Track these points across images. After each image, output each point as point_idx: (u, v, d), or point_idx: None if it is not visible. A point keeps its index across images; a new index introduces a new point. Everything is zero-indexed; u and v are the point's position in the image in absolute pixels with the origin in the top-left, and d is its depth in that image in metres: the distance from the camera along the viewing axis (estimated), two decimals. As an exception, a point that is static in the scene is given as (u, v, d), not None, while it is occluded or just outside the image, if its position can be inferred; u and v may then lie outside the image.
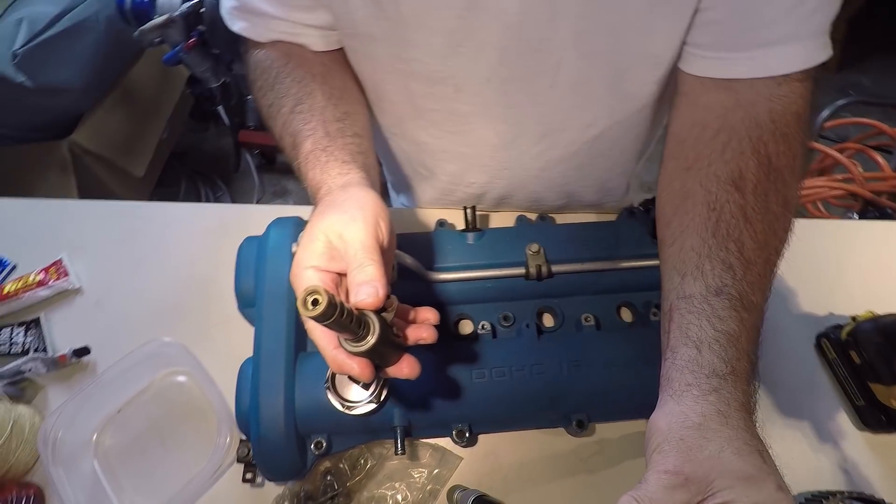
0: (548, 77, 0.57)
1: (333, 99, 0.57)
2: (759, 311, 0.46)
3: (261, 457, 0.55)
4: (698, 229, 0.48)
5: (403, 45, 0.56)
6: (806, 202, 1.43)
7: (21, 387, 0.65)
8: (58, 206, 0.81)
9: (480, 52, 0.55)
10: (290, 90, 0.57)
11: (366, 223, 0.42)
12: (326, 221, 0.43)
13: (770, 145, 0.48)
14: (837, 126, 1.50)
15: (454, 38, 0.54)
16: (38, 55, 1.31)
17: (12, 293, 0.69)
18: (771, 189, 0.47)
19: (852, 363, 0.63)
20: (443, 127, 0.65)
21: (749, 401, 0.42)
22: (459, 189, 0.76)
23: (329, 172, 0.50)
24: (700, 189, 0.49)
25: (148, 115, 1.81)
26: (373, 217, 0.43)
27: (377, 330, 0.38)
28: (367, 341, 0.38)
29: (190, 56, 1.45)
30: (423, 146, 0.70)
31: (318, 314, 0.33)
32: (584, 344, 0.59)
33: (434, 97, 0.61)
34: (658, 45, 0.53)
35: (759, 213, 0.47)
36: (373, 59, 0.60)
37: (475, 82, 0.58)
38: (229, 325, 0.69)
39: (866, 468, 0.61)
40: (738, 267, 0.45)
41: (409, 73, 0.59)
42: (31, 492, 0.59)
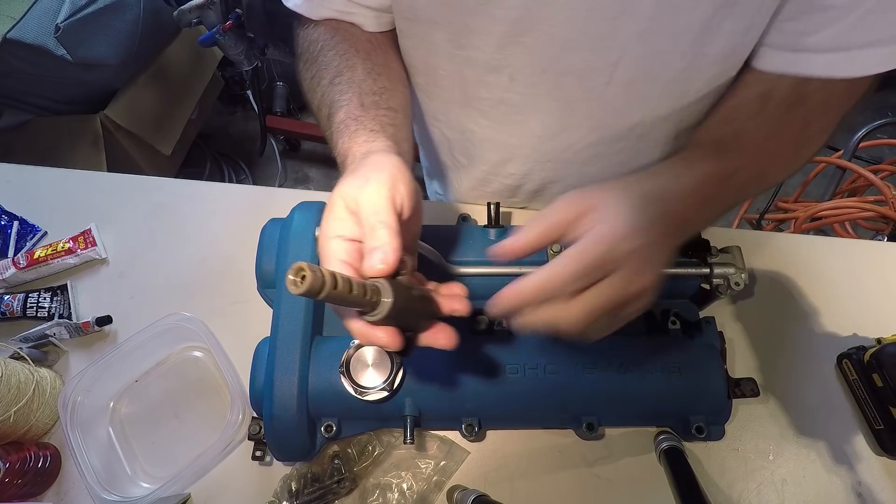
0: (605, 74, 0.56)
1: (373, 74, 0.57)
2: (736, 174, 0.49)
3: (271, 436, 0.55)
4: None
5: (463, 31, 0.55)
6: (834, 222, 1.40)
7: (45, 350, 0.67)
8: (89, 178, 0.83)
9: (540, 44, 0.54)
10: (332, 62, 0.57)
11: (381, 184, 0.40)
12: (344, 187, 0.42)
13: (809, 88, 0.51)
14: (872, 147, 1.46)
15: (516, 28, 0.53)
16: (79, 29, 1.34)
17: (42, 259, 0.71)
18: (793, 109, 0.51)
19: (874, 386, 0.62)
20: (491, 116, 0.65)
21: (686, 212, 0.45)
22: (497, 179, 0.76)
23: (356, 140, 0.49)
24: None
25: (179, 95, 1.83)
26: (390, 179, 0.41)
27: (390, 296, 0.36)
28: (378, 311, 0.36)
29: (226, 38, 1.47)
30: (468, 134, 0.70)
31: (302, 291, 0.32)
32: (600, 347, 0.59)
33: (487, 85, 0.61)
34: (717, 46, 0.53)
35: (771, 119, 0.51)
36: (429, 43, 0.60)
37: (531, 73, 0.58)
38: (248, 304, 0.70)
39: (881, 494, 0.60)
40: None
41: (465, 59, 0.59)
42: (48, 452, 0.60)
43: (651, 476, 0.60)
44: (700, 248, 0.61)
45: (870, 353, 0.63)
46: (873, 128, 1.43)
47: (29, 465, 0.57)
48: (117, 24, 1.44)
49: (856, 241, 0.89)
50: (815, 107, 0.52)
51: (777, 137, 0.52)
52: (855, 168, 1.38)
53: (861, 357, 0.64)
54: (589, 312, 0.39)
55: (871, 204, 1.33)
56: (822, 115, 0.52)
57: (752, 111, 0.52)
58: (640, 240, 0.39)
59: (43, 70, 1.37)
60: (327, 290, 0.32)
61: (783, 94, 0.52)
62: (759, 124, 0.51)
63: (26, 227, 0.77)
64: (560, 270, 0.38)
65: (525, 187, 0.76)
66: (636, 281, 0.39)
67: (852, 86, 0.51)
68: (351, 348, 0.54)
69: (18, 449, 0.58)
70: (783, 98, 0.52)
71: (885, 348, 0.62)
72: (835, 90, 0.51)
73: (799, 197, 1.57)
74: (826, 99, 0.51)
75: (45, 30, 1.30)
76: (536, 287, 0.38)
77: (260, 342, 0.60)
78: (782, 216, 1.52)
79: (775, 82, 0.53)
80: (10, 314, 0.69)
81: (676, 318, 0.62)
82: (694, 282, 0.62)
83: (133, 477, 0.62)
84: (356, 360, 0.54)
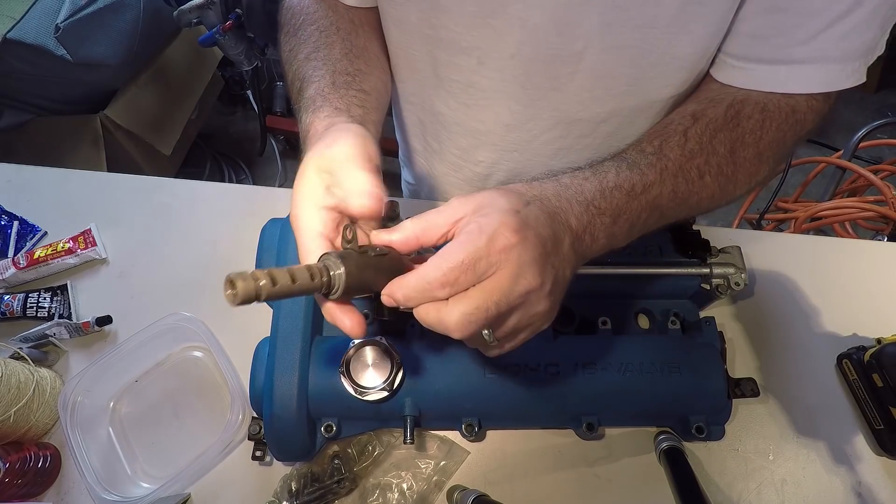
0: (570, 63, 0.57)
1: (350, 55, 0.58)
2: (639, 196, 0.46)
3: (271, 436, 0.55)
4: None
5: (435, 10, 0.56)
6: (834, 222, 1.40)
7: (44, 350, 0.67)
8: (89, 178, 0.83)
9: (508, 27, 0.55)
10: (311, 38, 0.58)
11: (353, 138, 0.41)
12: (311, 154, 0.42)
13: (746, 109, 0.51)
14: (872, 147, 1.46)
15: (484, 9, 0.54)
16: (79, 29, 1.34)
17: (42, 258, 0.71)
18: (723, 131, 0.50)
19: (874, 386, 0.62)
20: (460, 98, 0.66)
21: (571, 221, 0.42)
22: (467, 166, 0.76)
23: (318, 115, 0.49)
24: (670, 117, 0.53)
25: (179, 95, 1.83)
26: (358, 136, 0.41)
27: (341, 267, 0.35)
28: (335, 287, 0.35)
29: (226, 38, 1.48)
30: (439, 117, 0.71)
31: (240, 301, 0.30)
32: (600, 347, 0.59)
33: (457, 67, 0.62)
34: (684, 48, 0.53)
35: (696, 139, 0.49)
36: (402, 22, 0.61)
37: (499, 57, 0.58)
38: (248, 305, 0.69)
39: (881, 494, 0.60)
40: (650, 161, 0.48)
41: (436, 39, 0.59)
42: (48, 452, 0.60)
43: (651, 476, 0.60)
44: (700, 248, 0.61)
45: (870, 353, 0.63)
46: (873, 128, 1.43)
47: (29, 465, 0.57)
48: (117, 24, 1.44)
49: (856, 241, 0.89)
50: (748, 132, 0.50)
51: (702, 157, 0.49)
52: (855, 168, 1.38)
53: (861, 357, 0.64)
54: (466, 315, 0.36)
55: (871, 204, 1.33)
56: (756, 141, 0.50)
57: (679, 129, 0.50)
58: (516, 237, 0.36)
59: (43, 70, 1.37)
60: (266, 292, 0.31)
61: (715, 114, 0.50)
62: (682, 142, 0.49)
63: (26, 227, 0.77)
64: (431, 269, 0.36)
65: (494, 177, 0.76)
66: (517, 282, 0.36)
67: (792, 112, 0.50)
68: (351, 348, 0.54)
69: (18, 449, 0.58)
70: (714, 118, 0.50)
71: (885, 348, 0.62)
72: (773, 114, 0.50)
73: (799, 197, 1.57)
74: (761, 123, 0.50)
75: (45, 30, 1.30)
76: (415, 284, 0.36)
77: (260, 342, 0.60)
78: (782, 216, 1.52)
79: (710, 103, 0.52)
80: (10, 314, 0.69)
81: (676, 318, 0.62)
82: (694, 282, 0.62)
83: (133, 477, 0.62)
84: (356, 360, 0.54)
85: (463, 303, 0.36)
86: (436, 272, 0.35)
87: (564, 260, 0.40)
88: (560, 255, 0.39)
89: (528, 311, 0.38)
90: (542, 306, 0.38)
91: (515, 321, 0.39)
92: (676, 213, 0.49)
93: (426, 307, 0.37)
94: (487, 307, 0.36)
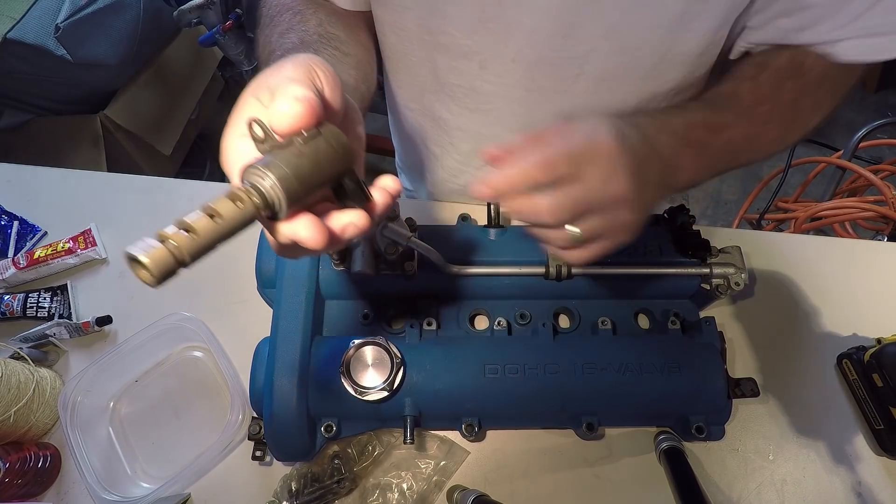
0: (575, 66, 0.56)
1: (325, 25, 0.54)
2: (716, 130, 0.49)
3: (271, 436, 0.55)
4: None
5: (434, 15, 0.56)
6: (834, 222, 1.40)
7: (44, 350, 0.67)
8: (89, 178, 0.83)
9: (509, 31, 0.54)
10: (285, 21, 0.54)
11: (293, 63, 0.32)
12: (252, 86, 0.34)
13: (809, 60, 0.52)
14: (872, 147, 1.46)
15: (485, 14, 0.54)
16: (79, 29, 1.34)
17: (42, 259, 0.71)
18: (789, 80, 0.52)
19: (874, 386, 0.62)
20: (463, 103, 0.65)
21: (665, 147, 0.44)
22: (468, 171, 0.76)
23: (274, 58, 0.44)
24: None
25: (179, 95, 1.83)
26: (303, 63, 0.32)
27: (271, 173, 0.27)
28: (276, 201, 0.27)
29: (226, 38, 1.47)
30: (441, 122, 0.70)
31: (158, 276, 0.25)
32: (600, 347, 0.59)
33: (458, 72, 0.61)
34: (688, 45, 0.53)
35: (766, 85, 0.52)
36: (400, 28, 0.60)
37: (501, 61, 0.58)
38: (248, 304, 0.70)
39: (881, 493, 0.60)
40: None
41: (436, 44, 0.59)
42: (48, 452, 0.60)
43: (651, 476, 0.60)
44: (700, 248, 0.61)
45: (870, 353, 0.63)
46: (873, 128, 1.43)
47: (29, 465, 0.57)
48: (117, 24, 1.44)
49: (856, 241, 0.89)
50: (811, 81, 0.52)
51: (770, 104, 0.52)
52: (855, 168, 1.37)
53: (861, 357, 0.64)
54: (559, 200, 0.39)
55: (871, 204, 1.33)
56: (817, 90, 0.53)
57: (748, 75, 0.53)
58: (615, 144, 0.39)
59: (43, 70, 1.37)
60: (188, 251, 0.25)
61: (781, 63, 0.53)
62: (753, 88, 0.52)
63: (26, 227, 0.77)
64: (529, 162, 0.38)
65: None
66: (610, 184, 0.39)
67: (846, 68, 0.52)
68: (351, 348, 0.54)
69: (18, 449, 0.58)
70: (780, 67, 0.53)
71: (885, 348, 0.62)
72: (831, 68, 0.52)
73: (799, 197, 1.57)
74: (824, 73, 0.52)
75: (45, 30, 1.30)
76: (513, 174, 0.39)
77: (260, 342, 0.60)
78: (782, 216, 1.52)
79: (769, 56, 0.54)
80: (10, 314, 0.69)
81: (676, 318, 0.62)
82: (694, 282, 0.62)
83: (133, 477, 0.62)
84: (356, 360, 0.54)
85: (558, 192, 0.39)
86: (539, 156, 0.38)
87: (652, 184, 0.42)
88: (649, 178, 0.42)
89: (613, 217, 0.40)
90: (626, 217, 0.41)
91: (600, 224, 0.40)
92: (745, 156, 0.53)
93: (524, 198, 0.39)
94: (577, 199, 0.39)
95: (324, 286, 0.61)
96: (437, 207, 0.81)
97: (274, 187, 0.27)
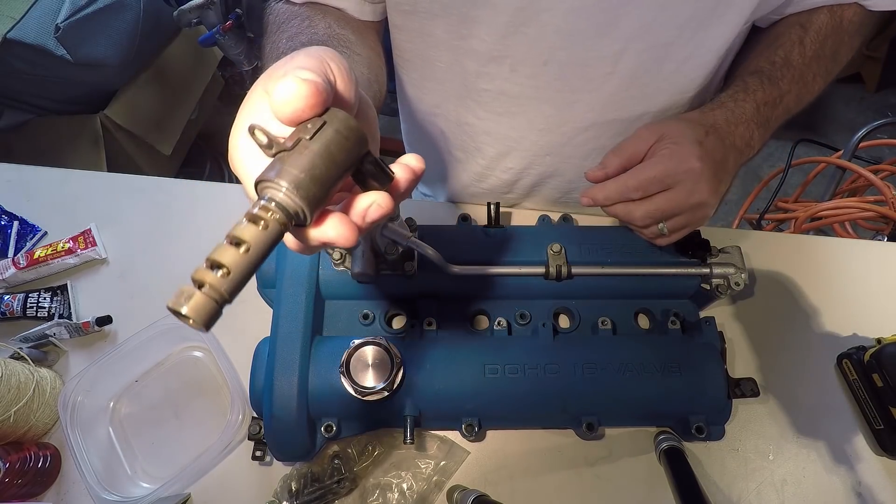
0: (608, 65, 0.56)
1: (334, 28, 0.53)
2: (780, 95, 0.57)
3: (271, 436, 0.55)
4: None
5: (465, 22, 0.55)
6: (834, 222, 1.40)
7: (44, 350, 0.67)
8: (89, 178, 0.83)
9: (542, 34, 0.54)
10: (294, 26, 0.53)
11: (306, 55, 0.30)
12: (262, 78, 0.32)
13: (847, 13, 0.59)
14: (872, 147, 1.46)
15: (518, 18, 0.53)
16: (79, 29, 1.34)
17: (42, 258, 0.71)
18: (832, 36, 0.59)
19: (874, 386, 0.62)
20: (491, 108, 0.65)
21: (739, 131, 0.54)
22: (494, 174, 0.75)
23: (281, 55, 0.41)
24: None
25: (179, 95, 1.83)
26: (315, 53, 0.30)
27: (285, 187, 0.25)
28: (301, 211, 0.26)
29: (226, 38, 1.47)
30: (466, 127, 0.70)
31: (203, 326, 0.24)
32: (600, 347, 0.59)
33: (488, 76, 0.61)
34: (718, 40, 0.55)
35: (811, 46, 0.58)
36: (427, 36, 0.60)
37: (532, 64, 0.58)
38: (247, 304, 0.69)
39: (881, 493, 0.60)
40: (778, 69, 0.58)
41: (466, 50, 0.59)
42: (48, 452, 0.60)
43: (651, 476, 0.60)
44: (700, 248, 0.61)
45: (870, 353, 0.63)
46: (873, 128, 1.43)
47: (29, 465, 0.57)
48: (117, 24, 1.44)
49: (856, 241, 0.89)
50: (848, 31, 0.59)
51: (816, 63, 0.58)
52: (855, 168, 1.37)
53: (861, 357, 0.64)
54: (651, 212, 0.50)
55: (871, 204, 1.33)
56: (852, 39, 0.60)
57: (794, 39, 0.58)
58: (699, 164, 0.48)
59: (43, 70, 1.37)
60: (227, 289, 0.24)
61: (822, 21, 0.59)
62: (802, 51, 0.58)
63: (26, 227, 0.77)
64: (630, 178, 0.50)
65: (522, 182, 0.75)
66: (693, 195, 0.49)
67: (869, 16, 0.59)
68: (351, 348, 0.54)
69: (18, 449, 0.58)
70: (822, 25, 0.58)
71: (885, 348, 0.62)
72: (867, 16, 0.59)
73: (799, 197, 1.57)
74: (860, 22, 0.59)
75: (45, 30, 1.30)
76: (615, 188, 0.51)
77: (260, 342, 0.60)
78: (782, 216, 1.52)
79: (812, 13, 0.59)
80: (10, 314, 0.69)
81: (676, 318, 0.62)
82: (694, 282, 0.62)
83: (133, 477, 0.62)
84: (356, 360, 0.54)
85: (649, 203, 0.50)
86: (634, 181, 0.50)
87: (729, 173, 0.52)
88: (726, 171, 0.52)
89: (694, 214, 0.51)
90: (705, 212, 0.52)
91: (684, 221, 0.52)
92: (795, 110, 0.59)
93: (620, 205, 0.52)
94: (665, 209, 0.50)
95: (324, 286, 0.61)
96: (437, 207, 0.81)
97: (292, 197, 0.26)
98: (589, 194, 0.52)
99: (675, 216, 0.51)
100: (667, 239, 0.55)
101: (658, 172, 0.49)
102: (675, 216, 0.51)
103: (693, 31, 0.53)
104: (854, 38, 0.60)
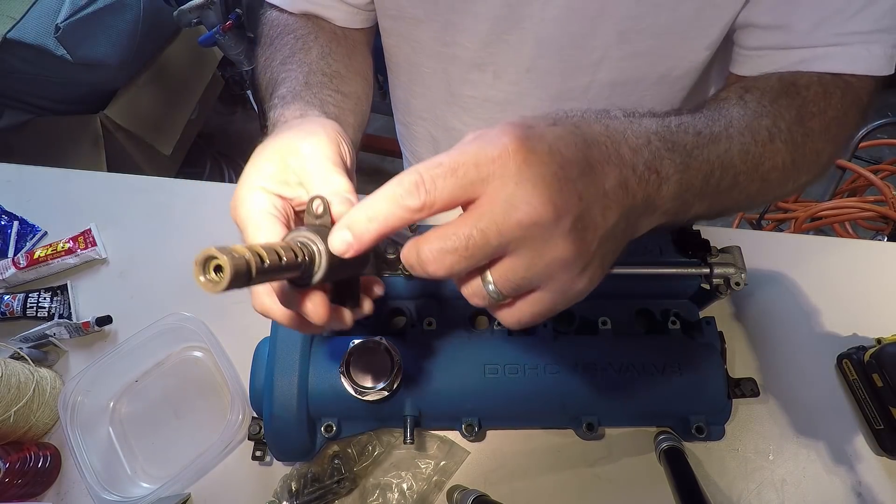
0: (588, 74, 0.57)
1: (328, 58, 0.55)
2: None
3: (271, 436, 0.55)
4: None
5: (448, 28, 0.56)
6: (834, 222, 1.40)
7: (45, 350, 0.67)
8: (89, 178, 0.83)
9: (523, 42, 0.55)
10: (288, 44, 0.55)
11: (327, 138, 0.36)
12: (280, 140, 0.36)
13: (802, 80, 0.46)
14: (872, 147, 1.46)
15: (500, 26, 0.54)
16: (79, 29, 1.34)
17: (42, 259, 0.71)
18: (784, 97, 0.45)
19: (874, 386, 0.62)
20: (476, 114, 0.65)
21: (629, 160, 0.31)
22: None
23: (289, 108, 0.45)
24: None
25: (179, 95, 1.83)
26: (334, 133, 0.37)
27: (322, 243, 0.29)
28: (317, 269, 0.29)
29: (226, 38, 1.47)
30: (454, 133, 0.70)
31: (225, 285, 0.23)
32: (600, 347, 0.59)
33: (472, 83, 0.61)
34: (699, 52, 0.53)
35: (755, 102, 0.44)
36: (413, 41, 0.60)
37: (515, 71, 0.58)
38: (248, 304, 0.69)
39: (881, 494, 0.60)
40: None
41: (450, 56, 0.59)
42: (48, 452, 0.60)
43: (651, 476, 0.60)
44: (700, 248, 0.61)
45: (870, 353, 0.63)
46: (873, 128, 1.43)
47: (29, 465, 0.57)
48: (117, 24, 1.44)
49: (856, 241, 0.89)
50: (811, 100, 0.45)
51: (765, 119, 0.42)
52: (855, 168, 1.38)
53: (861, 357, 0.64)
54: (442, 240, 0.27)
55: (871, 204, 1.33)
56: (822, 112, 0.45)
57: (734, 95, 0.45)
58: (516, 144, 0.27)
59: (43, 70, 1.37)
60: (256, 270, 0.24)
61: (768, 84, 0.46)
62: (741, 104, 0.43)
63: (26, 227, 0.77)
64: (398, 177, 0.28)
65: None
66: (514, 208, 0.26)
67: (848, 87, 0.47)
68: (351, 348, 0.54)
69: (18, 449, 0.58)
70: (768, 88, 0.46)
71: (885, 348, 0.62)
72: (830, 85, 0.46)
73: (799, 197, 1.57)
74: (823, 93, 0.46)
75: (45, 30, 1.30)
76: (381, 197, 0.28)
77: (260, 342, 0.60)
78: (782, 216, 1.52)
79: (754, 80, 0.48)
80: (10, 314, 0.69)
81: (676, 318, 0.62)
82: (694, 282, 0.62)
83: (133, 477, 0.62)
84: (356, 360, 0.54)
85: (441, 228, 0.27)
86: (408, 175, 0.27)
87: (605, 197, 0.28)
88: (596, 188, 0.28)
89: (539, 254, 0.27)
90: (562, 251, 0.27)
91: (523, 267, 0.28)
92: (750, 181, 0.40)
93: (408, 244, 0.28)
94: (469, 233, 0.26)
95: (324, 286, 0.61)
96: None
97: (321, 255, 0.29)
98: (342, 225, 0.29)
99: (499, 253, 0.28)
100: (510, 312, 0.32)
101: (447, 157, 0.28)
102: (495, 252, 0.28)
103: (672, 42, 0.53)
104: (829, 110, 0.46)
